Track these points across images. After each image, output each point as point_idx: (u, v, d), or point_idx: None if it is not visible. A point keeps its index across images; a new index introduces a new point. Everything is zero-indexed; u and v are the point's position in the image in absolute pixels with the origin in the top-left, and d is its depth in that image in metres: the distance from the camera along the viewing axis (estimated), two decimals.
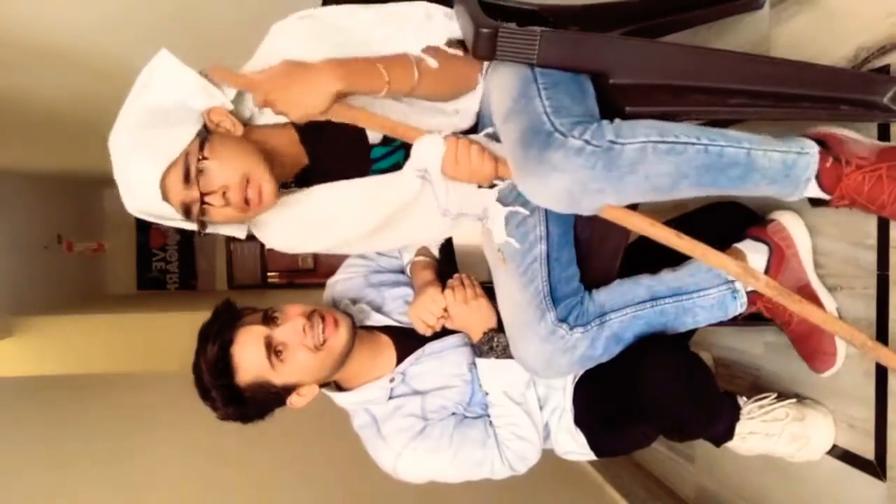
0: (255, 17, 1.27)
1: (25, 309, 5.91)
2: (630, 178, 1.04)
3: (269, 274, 8.92)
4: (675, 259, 1.24)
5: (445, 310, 1.33)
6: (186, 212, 1.12)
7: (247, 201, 1.12)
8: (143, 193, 1.11)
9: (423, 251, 1.48)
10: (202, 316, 1.23)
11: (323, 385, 1.31)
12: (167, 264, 8.25)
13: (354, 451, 1.36)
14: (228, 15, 2.17)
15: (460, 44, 1.22)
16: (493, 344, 1.31)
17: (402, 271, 1.52)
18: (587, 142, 1.02)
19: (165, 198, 1.11)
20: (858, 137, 1.20)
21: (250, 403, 1.21)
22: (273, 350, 1.19)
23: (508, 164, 1.11)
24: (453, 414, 1.33)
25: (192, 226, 1.16)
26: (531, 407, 1.33)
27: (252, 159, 1.12)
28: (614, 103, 1.13)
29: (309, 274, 9.24)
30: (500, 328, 1.32)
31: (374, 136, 1.22)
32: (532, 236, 1.25)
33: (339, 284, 1.49)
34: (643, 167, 1.04)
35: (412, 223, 1.25)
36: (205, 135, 1.13)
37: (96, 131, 1.09)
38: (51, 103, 3.30)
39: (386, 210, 1.21)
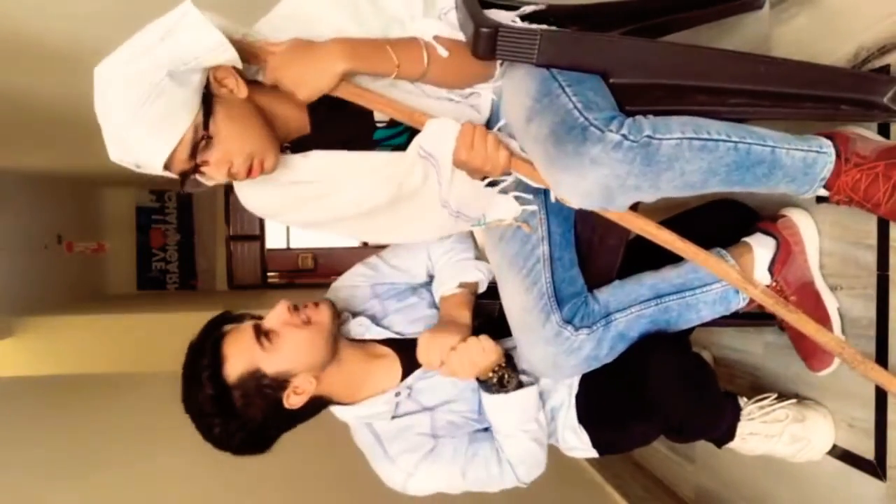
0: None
1: (25, 309, 5.92)
2: (667, 174, 1.04)
3: (269, 274, 8.95)
4: (676, 255, 1.24)
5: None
6: (184, 177, 1.08)
7: (248, 172, 1.10)
8: (146, 161, 1.04)
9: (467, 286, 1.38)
10: (202, 316, 1.22)
11: (327, 401, 1.27)
12: (167, 264, 8.26)
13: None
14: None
15: None
16: (503, 381, 1.23)
17: (413, 288, 1.44)
18: (625, 136, 1.01)
19: (168, 169, 1.06)
20: (867, 135, 1.20)
21: (241, 409, 1.17)
22: (263, 334, 1.18)
23: (535, 163, 1.10)
24: (461, 429, 1.30)
25: (170, 174, 1.09)
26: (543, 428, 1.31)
27: (256, 134, 1.08)
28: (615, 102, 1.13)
29: (309, 274, 9.26)
30: (508, 362, 1.24)
31: (380, 116, 1.19)
32: (534, 238, 1.26)
33: (343, 291, 1.43)
34: (679, 163, 1.04)
35: (412, 210, 1.22)
36: (209, 101, 1.05)
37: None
38: (51, 103, 3.30)
39: (388, 188, 1.17)
